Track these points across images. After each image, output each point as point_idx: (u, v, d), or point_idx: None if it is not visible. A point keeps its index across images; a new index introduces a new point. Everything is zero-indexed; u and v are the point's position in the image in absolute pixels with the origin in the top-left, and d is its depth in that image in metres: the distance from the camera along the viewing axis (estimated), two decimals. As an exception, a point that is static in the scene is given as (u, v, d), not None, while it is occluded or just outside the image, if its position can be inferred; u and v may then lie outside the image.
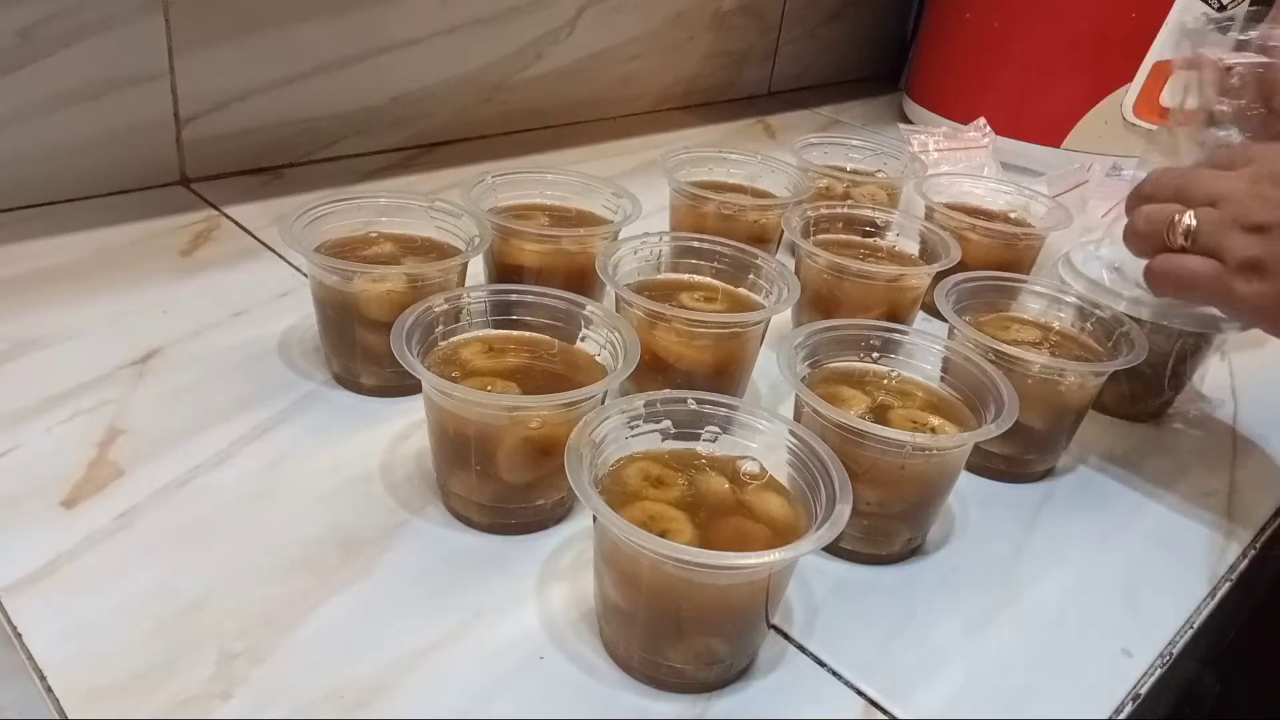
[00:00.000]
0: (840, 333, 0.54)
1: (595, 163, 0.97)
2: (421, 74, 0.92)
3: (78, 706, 0.37)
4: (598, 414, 0.43)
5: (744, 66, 1.26)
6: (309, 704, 0.38)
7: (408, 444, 0.54)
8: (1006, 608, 0.48)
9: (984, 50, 1.12)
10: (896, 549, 0.50)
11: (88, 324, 0.61)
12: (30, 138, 0.71)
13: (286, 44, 0.81)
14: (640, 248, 0.61)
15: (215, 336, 0.61)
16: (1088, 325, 0.61)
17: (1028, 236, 0.75)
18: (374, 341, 0.55)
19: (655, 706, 0.40)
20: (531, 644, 0.42)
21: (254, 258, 0.71)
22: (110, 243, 0.71)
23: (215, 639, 0.40)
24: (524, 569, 0.46)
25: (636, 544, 0.37)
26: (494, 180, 0.67)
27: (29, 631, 0.40)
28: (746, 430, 0.45)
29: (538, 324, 0.53)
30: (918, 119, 1.20)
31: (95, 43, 0.71)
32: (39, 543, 0.44)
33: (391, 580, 0.45)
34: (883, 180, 0.85)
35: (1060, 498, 0.57)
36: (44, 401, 0.53)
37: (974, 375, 0.52)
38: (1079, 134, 1.07)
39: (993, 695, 0.43)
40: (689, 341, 0.55)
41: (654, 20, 1.10)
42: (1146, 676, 0.45)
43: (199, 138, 0.80)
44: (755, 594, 0.40)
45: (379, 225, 0.61)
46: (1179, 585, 0.51)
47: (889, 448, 0.46)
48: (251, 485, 0.49)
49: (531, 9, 0.97)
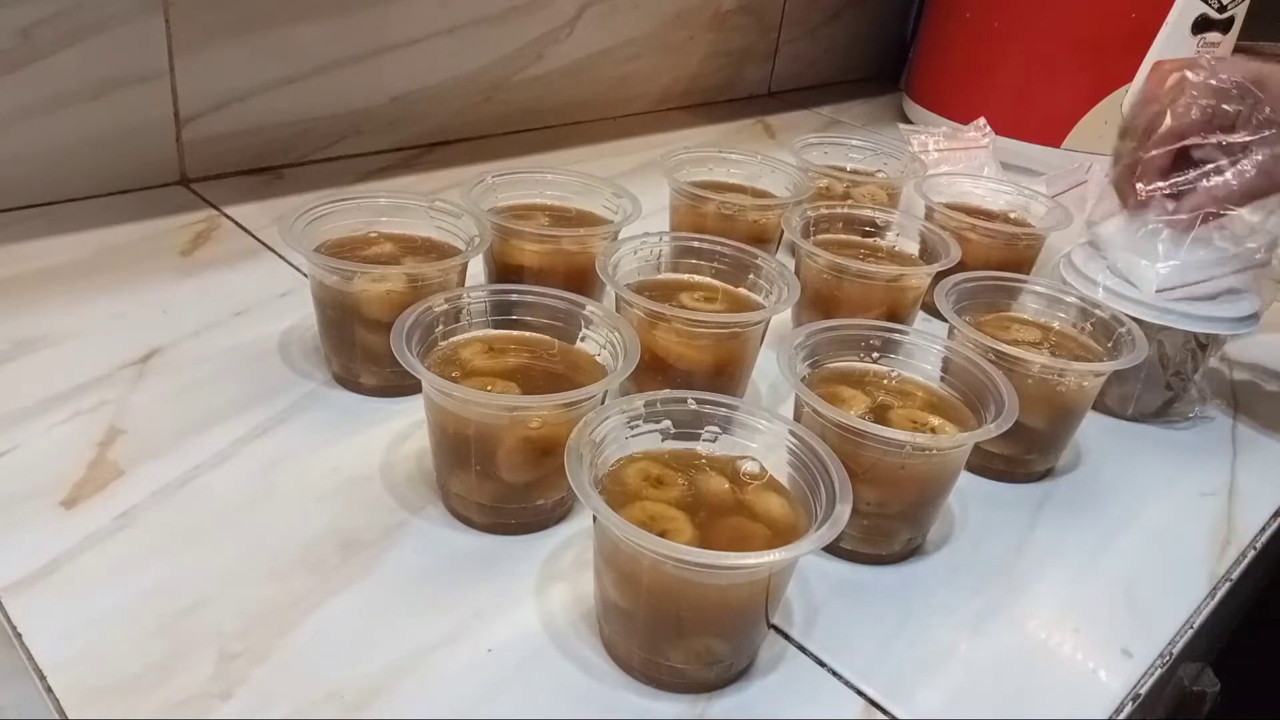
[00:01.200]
0: (840, 333, 0.54)
1: (595, 163, 0.97)
2: (421, 74, 0.92)
3: (78, 706, 0.37)
4: (598, 414, 0.43)
5: (744, 66, 1.26)
6: (309, 704, 0.38)
7: (408, 444, 0.54)
8: (1006, 608, 0.48)
9: (984, 50, 1.12)
10: (896, 549, 0.50)
11: (88, 324, 0.61)
12: (30, 138, 0.71)
13: (286, 44, 0.81)
14: (640, 248, 0.61)
15: (215, 336, 0.61)
16: (1088, 325, 0.61)
17: (1028, 236, 0.75)
18: (374, 341, 0.55)
19: (655, 706, 0.40)
20: (531, 644, 0.42)
21: (254, 258, 0.71)
22: (110, 243, 0.71)
23: (215, 639, 0.40)
24: (524, 569, 0.46)
25: (636, 544, 0.37)
26: (494, 180, 0.67)
27: (29, 631, 0.40)
28: (746, 430, 0.45)
29: (538, 324, 0.53)
30: (918, 119, 1.20)
31: (95, 43, 0.71)
32: (39, 543, 0.44)
33: (391, 580, 0.45)
34: (883, 180, 0.85)
35: (1060, 498, 0.57)
36: (44, 401, 0.53)
37: (974, 375, 0.52)
38: (1079, 134, 1.07)
39: (993, 695, 0.43)
40: (689, 341, 0.55)
41: (654, 20, 1.10)
42: (1146, 676, 0.45)
43: (199, 138, 0.80)
44: (755, 594, 0.40)
45: (379, 225, 0.61)
46: (1179, 585, 0.51)
47: (889, 448, 0.46)
48: (251, 485, 0.49)
49: (531, 9, 0.97)
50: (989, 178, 0.85)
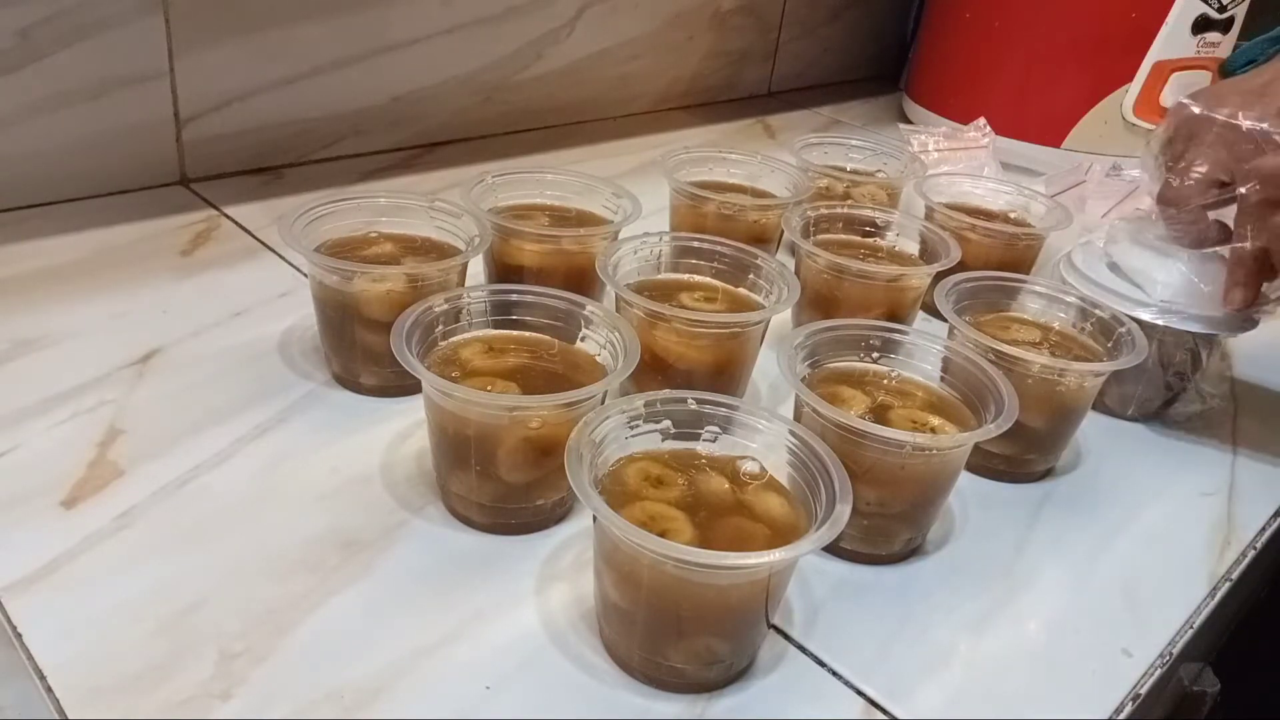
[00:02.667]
0: (840, 333, 0.54)
1: (595, 163, 0.97)
2: (421, 74, 0.92)
3: (78, 706, 0.37)
4: (598, 414, 0.43)
5: (744, 66, 1.26)
6: (309, 704, 0.38)
7: (408, 444, 0.54)
8: (1006, 608, 0.48)
9: (984, 50, 1.12)
10: (896, 549, 0.50)
11: (88, 324, 0.61)
12: (30, 138, 0.71)
13: (286, 44, 0.81)
14: (640, 248, 0.61)
15: (215, 336, 0.61)
16: (1088, 325, 0.61)
17: (1028, 236, 0.75)
18: (374, 341, 0.55)
19: (655, 706, 0.40)
20: (531, 644, 0.42)
21: (254, 258, 0.71)
22: (110, 243, 0.71)
23: (215, 639, 0.40)
24: (524, 569, 0.46)
25: (636, 544, 0.37)
26: (494, 180, 0.67)
27: (29, 631, 0.40)
28: (746, 430, 0.45)
29: (538, 324, 0.53)
30: (918, 119, 1.20)
31: (95, 43, 0.71)
32: (39, 543, 0.44)
33: (391, 580, 0.45)
34: (883, 180, 0.85)
35: (1060, 498, 0.57)
36: (44, 401, 0.53)
37: (974, 375, 0.52)
38: (1079, 134, 1.07)
39: (993, 695, 0.43)
40: (689, 341, 0.55)
41: (654, 20, 1.10)
42: (1146, 676, 0.45)
43: (199, 138, 0.80)
44: (755, 594, 0.40)
45: (379, 225, 0.61)
46: (1179, 585, 0.51)
47: (889, 448, 0.46)
48: (252, 485, 0.49)
49: (531, 9, 0.97)
50: (989, 178, 0.85)
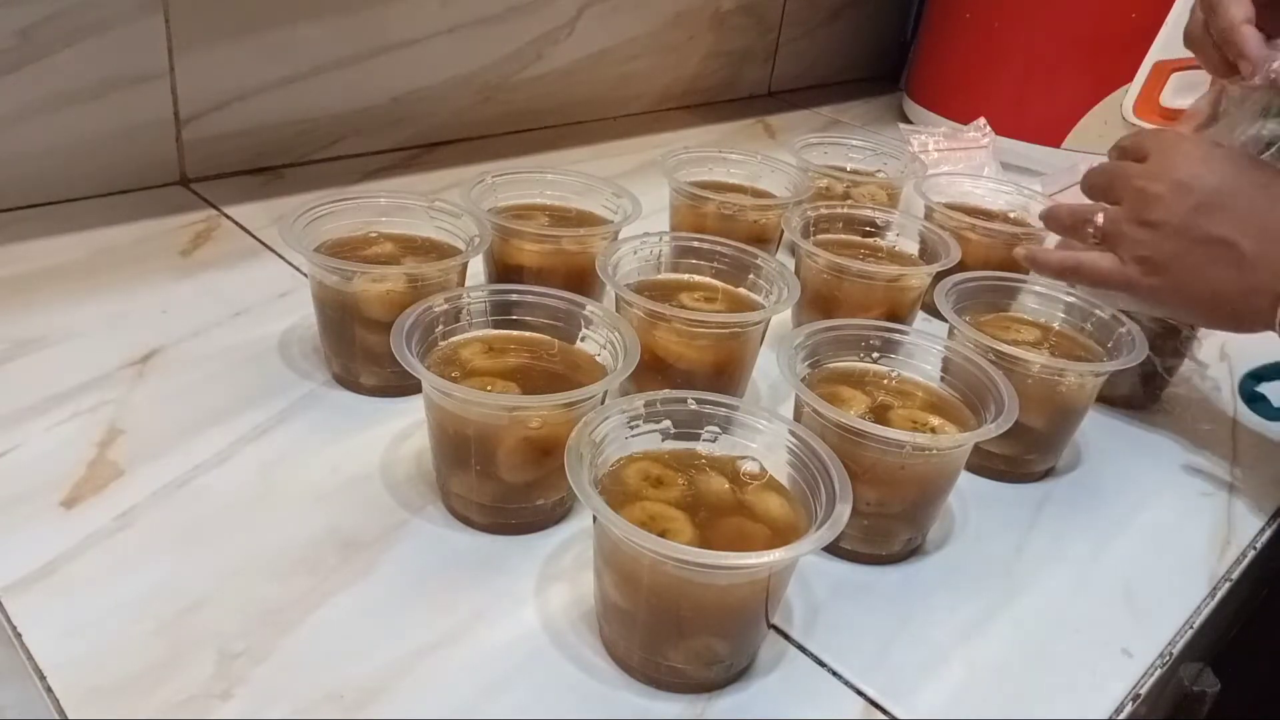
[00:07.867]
0: (840, 333, 0.54)
1: (595, 163, 0.97)
2: (421, 74, 0.92)
3: (78, 706, 0.37)
4: (598, 414, 0.43)
5: (744, 66, 1.26)
6: (309, 704, 0.38)
7: (408, 444, 0.54)
8: (1006, 608, 0.48)
9: (984, 50, 1.12)
10: (896, 549, 0.50)
11: (88, 324, 0.61)
12: (30, 138, 0.71)
13: (286, 44, 0.81)
14: (640, 248, 0.61)
15: (215, 336, 0.61)
16: (1088, 325, 0.61)
17: (1028, 236, 0.75)
18: (374, 341, 0.55)
19: (655, 706, 0.40)
20: (531, 644, 0.42)
21: (254, 258, 0.71)
22: (110, 243, 0.71)
23: (215, 639, 0.40)
24: (524, 569, 0.46)
25: (636, 544, 0.37)
26: (494, 180, 0.67)
27: (29, 631, 0.40)
28: (746, 430, 0.45)
29: (538, 324, 0.53)
30: (918, 119, 1.20)
31: (95, 43, 0.71)
32: (39, 543, 0.44)
33: (391, 580, 0.45)
34: (883, 180, 0.85)
35: (1060, 498, 0.57)
36: (44, 401, 0.53)
37: (974, 375, 0.52)
38: (1079, 134, 1.07)
39: (993, 695, 0.43)
40: (689, 341, 0.55)
41: (654, 20, 1.10)
42: (1146, 676, 0.45)
43: (199, 138, 0.80)
44: (755, 594, 0.40)
45: (379, 225, 0.61)
46: (1179, 585, 0.51)
47: (889, 448, 0.46)
48: (251, 485, 0.49)
49: (531, 9, 0.97)
50: (989, 178, 0.85)
